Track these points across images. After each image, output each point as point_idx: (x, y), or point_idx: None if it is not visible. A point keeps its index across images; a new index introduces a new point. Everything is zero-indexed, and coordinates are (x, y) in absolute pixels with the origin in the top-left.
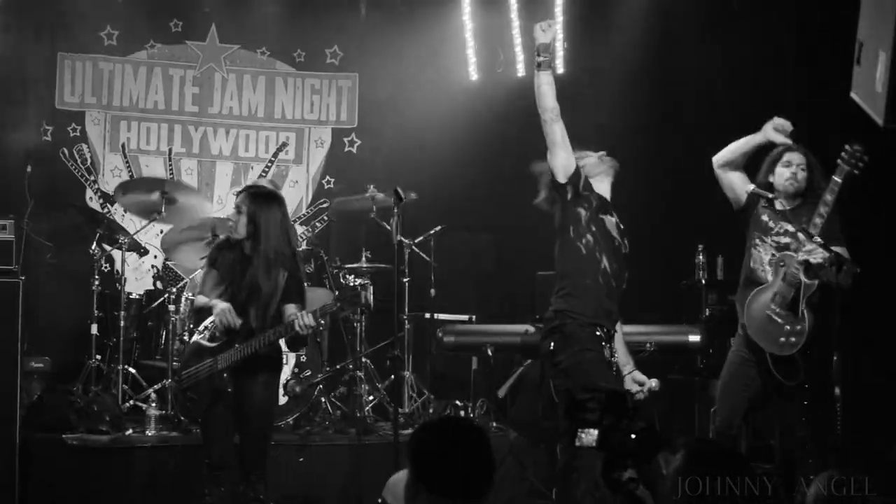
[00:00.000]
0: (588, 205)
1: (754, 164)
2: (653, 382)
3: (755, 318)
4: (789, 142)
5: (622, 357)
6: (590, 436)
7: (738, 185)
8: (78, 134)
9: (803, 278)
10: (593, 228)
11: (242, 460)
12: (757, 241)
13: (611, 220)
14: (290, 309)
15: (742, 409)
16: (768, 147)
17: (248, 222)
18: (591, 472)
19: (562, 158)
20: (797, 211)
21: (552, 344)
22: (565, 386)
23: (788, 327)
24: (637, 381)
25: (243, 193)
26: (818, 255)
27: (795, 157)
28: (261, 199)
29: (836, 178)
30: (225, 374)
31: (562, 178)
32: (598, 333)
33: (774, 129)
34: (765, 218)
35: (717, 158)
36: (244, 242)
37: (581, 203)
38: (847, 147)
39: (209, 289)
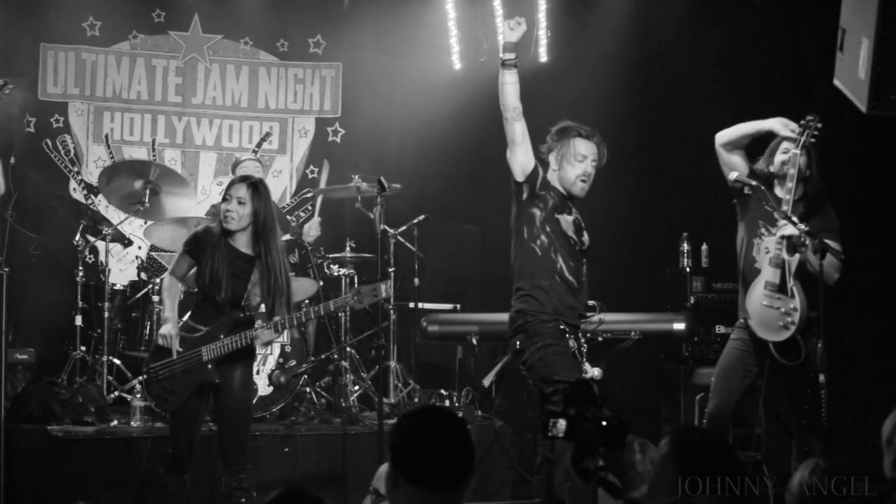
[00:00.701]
0: (543, 205)
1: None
2: (595, 371)
3: (755, 314)
4: (793, 135)
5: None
6: (558, 427)
7: (738, 165)
8: (61, 125)
9: (785, 255)
10: (548, 229)
11: (225, 452)
12: (762, 230)
13: (567, 219)
14: (258, 322)
15: (738, 395)
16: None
17: (252, 215)
18: (564, 462)
19: (521, 157)
20: (796, 204)
21: (518, 343)
22: (533, 381)
23: (783, 309)
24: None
25: (244, 185)
26: (788, 229)
27: (794, 147)
28: (263, 194)
29: (794, 150)
30: (210, 366)
31: (520, 177)
32: (561, 327)
33: (783, 125)
34: (768, 208)
35: (720, 136)
36: (237, 234)
37: (536, 203)
38: (803, 120)
39: (181, 274)
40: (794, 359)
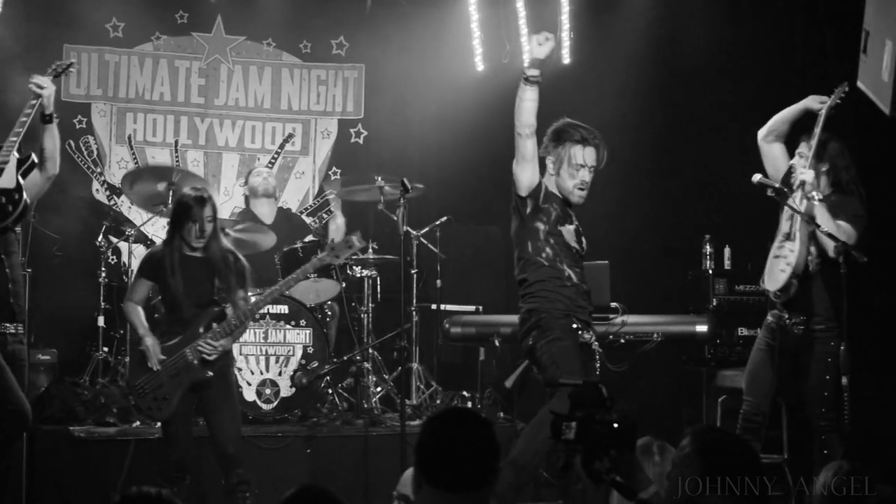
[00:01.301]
0: (546, 218)
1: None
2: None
3: (768, 267)
4: (825, 105)
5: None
6: (568, 429)
7: (779, 158)
8: (84, 126)
9: (795, 204)
10: (552, 241)
11: (223, 447)
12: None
13: (569, 230)
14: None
15: (770, 395)
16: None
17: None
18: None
19: (528, 174)
20: (826, 199)
21: (531, 340)
22: (544, 379)
23: (784, 254)
24: None
25: (209, 205)
26: (804, 175)
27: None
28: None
29: (822, 112)
30: (197, 363)
31: (524, 193)
32: (574, 326)
33: (814, 100)
34: (790, 208)
35: (761, 131)
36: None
37: (539, 217)
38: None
39: (140, 299)
40: (798, 314)
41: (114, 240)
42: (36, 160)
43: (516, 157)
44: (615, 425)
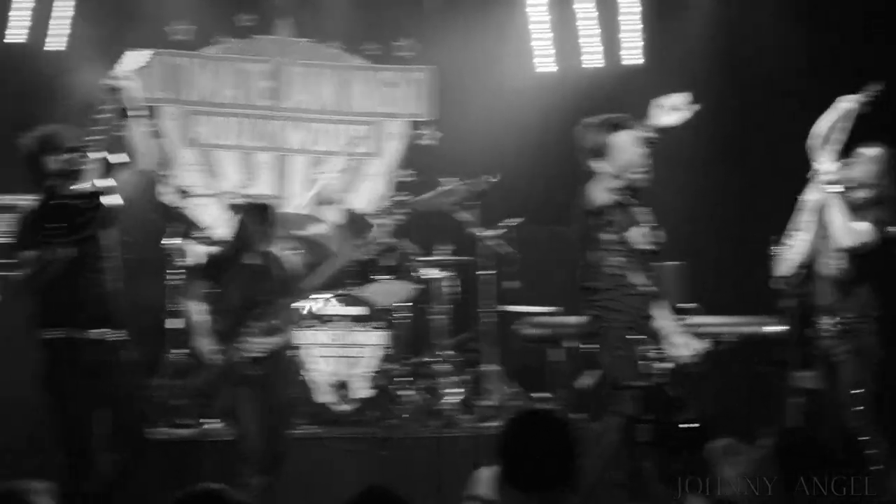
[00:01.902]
0: (615, 228)
1: None
2: (699, 345)
3: None
4: (855, 103)
5: (669, 326)
6: (641, 431)
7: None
8: (150, 129)
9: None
10: (618, 249)
11: (274, 446)
12: None
13: (637, 232)
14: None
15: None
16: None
17: None
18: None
19: (602, 194)
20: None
21: (594, 347)
22: (609, 383)
23: None
24: (684, 344)
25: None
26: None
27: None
28: None
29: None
30: (251, 361)
31: (593, 207)
32: (630, 337)
33: (849, 100)
34: None
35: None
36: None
37: (605, 228)
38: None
39: (197, 297)
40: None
41: (181, 242)
42: (124, 159)
43: (594, 178)
44: (686, 427)
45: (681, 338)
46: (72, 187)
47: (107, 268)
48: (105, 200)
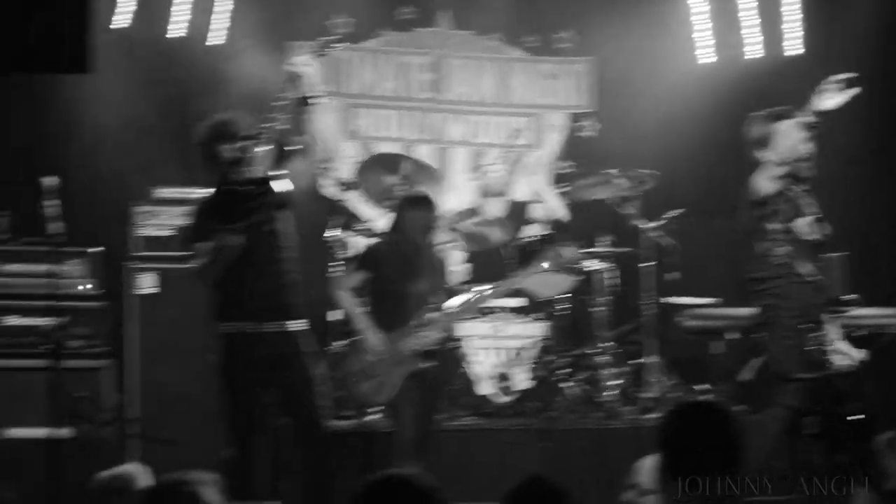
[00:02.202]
0: (780, 217)
1: None
2: (859, 354)
3: None
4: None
5: (832, 333)
6: (808, 424)
7: None
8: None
9: None
10: (784, 238)
11: (425, 442)
12: None
13: (802, 223)
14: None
15: None
16: None
17: None
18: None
19: (767, 184)
20: None
21: (763, 337)
22: (775, 374)
23: None
24: (845, 352)
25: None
26: None
27: None
28: None
29: None
30: (417, 356)
31: (758, 198)
32: (801, 326)
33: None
34: None
35: None
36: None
37: (772, 218)
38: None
39: (354, 287)
40: None
41: (342, 234)
42: (299, 146)
43: (759, 168)
44: (853, 419)
45: (842, 345)
46: (244, 175)
47: (284, 257)
48: (276, 187)
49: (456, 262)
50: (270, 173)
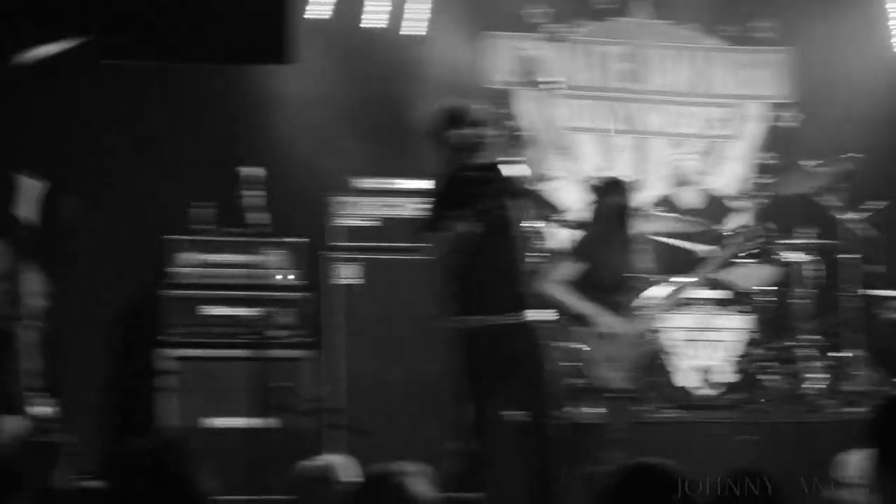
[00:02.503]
0: None
1: None
2: None
3: None
4: None
5: None
6: None
7: None
8: (507, 111)
9: None
10: None
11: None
12: None
13: None
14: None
15: None
16: None
17: None
18: None
19: None
20: None
21: None
22: None
23: None
24: None
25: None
26: None
27: None
28: None
29: None
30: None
31: None
32: None
33: None
34: None
35: None
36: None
37: None
38: None
39: (567, 279)
40: None
41: (537, 225)
42: (529, 133)
43: None
44: None
45: None
46: (476, 161)
47: (518, 246)
48: (507, 172)
49: (653, 252)
50: (501, 159)
